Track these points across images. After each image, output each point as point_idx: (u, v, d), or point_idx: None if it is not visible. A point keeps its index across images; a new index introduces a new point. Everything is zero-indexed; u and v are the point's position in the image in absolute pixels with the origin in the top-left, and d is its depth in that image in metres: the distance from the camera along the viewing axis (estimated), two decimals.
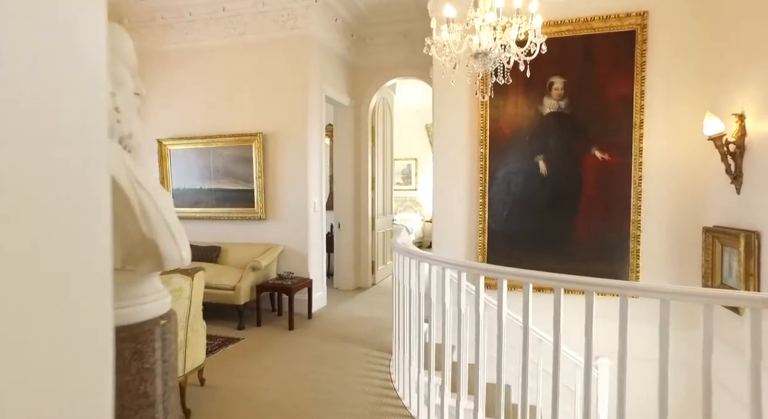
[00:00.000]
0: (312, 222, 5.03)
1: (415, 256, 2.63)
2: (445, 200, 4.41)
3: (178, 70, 5.35)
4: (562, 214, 3.94)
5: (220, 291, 4.35)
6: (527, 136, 4.04)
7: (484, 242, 4.23)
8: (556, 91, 3.88)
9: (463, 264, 2.23)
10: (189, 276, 2.47)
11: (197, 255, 4.95)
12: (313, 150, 5.03)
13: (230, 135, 5.06)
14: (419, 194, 11.42)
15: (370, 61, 6.08)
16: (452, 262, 2.26)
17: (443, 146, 4.39)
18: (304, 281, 4.63)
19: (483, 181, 4.20)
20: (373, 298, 5.69)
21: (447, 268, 2.30)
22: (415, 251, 2.62)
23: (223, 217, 5.20)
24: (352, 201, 6.18)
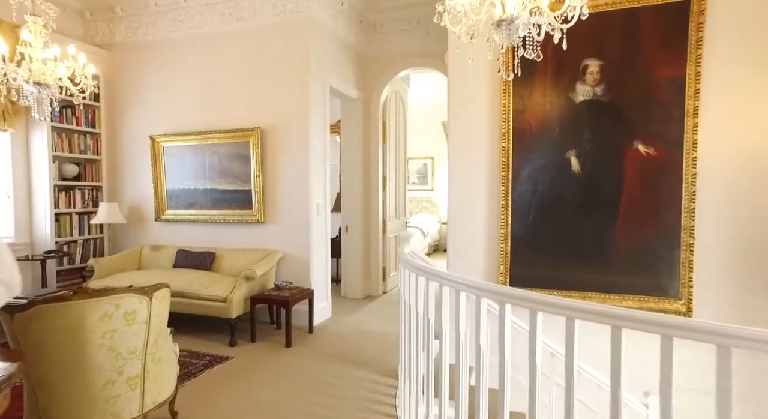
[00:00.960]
0: (314, 226, 4.57)
1: (423, 272, 2.14)
2: (462, 201, 3.90)
3: (172, 61, 4.96)
4: (598, 218, 3.39)
5: (210, 303, 3.92)
6: (556, 128, 3.50)
7: (506, 250, 3.70)
8: (590, 75, 3.34)
9: (484, 287, 1.73)
10: (146, 296, 2.03)
11: (190, 262, 4.54)
12: (315, 147, 4.57)
13: (226, 130, 4.64)
14: (436, 194, 10.90)
15: (381, 51, 5.60)
16: (470, 284, 1.76)
17: (459, 141, 3.88)
18: (304, 292, 4.17)
19: (505, 180, 3.68)
20: (383, 308, 5.20)
21: (462, 291, 1.80)
22: (424, 267, 2.13)
23: (219, 220, 4.78)
24: (361, 202, 5.71)
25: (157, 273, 4.31)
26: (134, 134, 5.15)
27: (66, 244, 4.93)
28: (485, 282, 1.70)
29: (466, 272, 3.91)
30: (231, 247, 4.72)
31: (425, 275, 2.11)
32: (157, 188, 5.01)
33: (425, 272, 2.10)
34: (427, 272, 2.08)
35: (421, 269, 2.15)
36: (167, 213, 5.02)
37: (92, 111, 5.21)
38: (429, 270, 2.07)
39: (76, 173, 5.07)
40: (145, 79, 5.10)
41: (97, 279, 4.42)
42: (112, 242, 5.30)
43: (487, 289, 1.67)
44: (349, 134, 5.68)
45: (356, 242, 5.67)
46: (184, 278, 4.14)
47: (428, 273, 2.07)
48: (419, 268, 2.16)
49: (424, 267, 2.12)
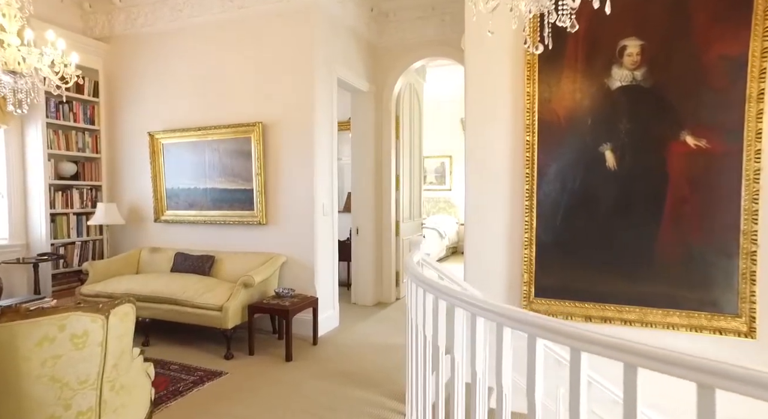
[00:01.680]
0: (320, 228, 4.23)
1: (432, 289, 1.76)
2: (481, 202, 3.50)
3: (172, 53, 4.69)
4: (637, 221, 2.96)
5: (204, 312, 3.62)
6: (588, 118, 3.08)
7: (530, 257, 3.29)
8: (629, 57, 2.90)
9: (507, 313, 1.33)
10: (101, 314, 1.71)
11: (188, 267, 4.25)
12: (321, 142, 4.23)
13: (226, 126, 4.34)
14: (454, 194, 10.48)
15: (394, 40, 5.23)
16: (490, 308, 1.37)
17: (478, 134, 3.49)
18: (307, 300, 3.83)
19: (530, 178, 3.27)
20: (396, 317, 4.83)
21: (480, 316, 1.42)
22: (433, 283, 1.75)
23: (219, 221, 4.48)
24: (373, 203, 5.35)
25: (152, 278, 4.03)
26: (134, 130, 4.90)
27: (63, 246, 4.71)
28: (510, 309, 1.31)
29: (485, 282, 3.50)
30: (231, 250, 4.41)
31: (434, 292, 1.73)
32: (156, 187, 4.75)
33: (434, 289, 1.72)
34: (436, 288, 1.70)
35: (429, 284, 1.77)
36: (167, 214, 4.75)
37: (91, 107, 4.99)
38: (439, 287, 1.69)
39: (74, 172, 4.84)
40: (144, 73, 4.84)
41: (90, 284, 4.17)
42: (111, 244, 5.07)
43: (513, 317, 1.28)
44: (359, 129, 5.33)
45: (367, 245, 5.32)
46: (178, 283, 3.85)
47: (438, 291, 1.69)
48: (428, 283, 1.78)
49: (432, 283, 1.74)
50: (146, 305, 3.82)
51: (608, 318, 3.05)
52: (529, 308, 3.32)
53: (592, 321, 3.06)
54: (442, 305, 1.67)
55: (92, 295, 4.04)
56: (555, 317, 3.24)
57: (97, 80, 5.00)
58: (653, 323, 2.90)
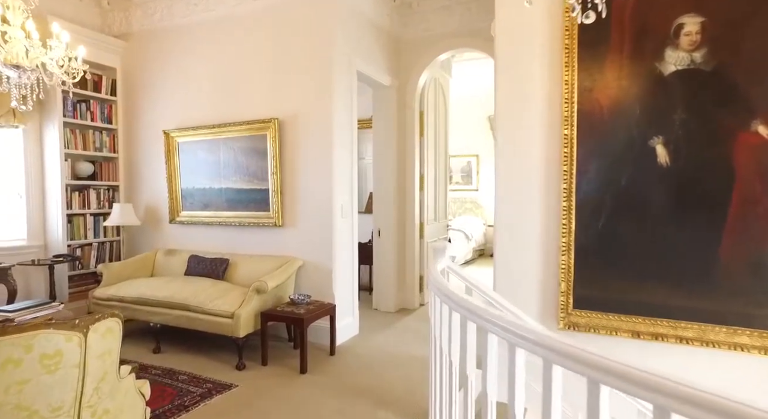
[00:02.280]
0: (339, 230, 3.99)
1: (458, 307, 1.47)
2: (512, 203, 3.19)
3: (188, 48, 4.54)
4: (695, 224, 2.59)
5: (216, 319, 3.42)
6: (637, 108, 2.73)
7: (568, 264, 2.96)
8: (687, 37, 2.54)
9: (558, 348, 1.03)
10: (77, 332, 1.49)
11: (202, 270, 4.08)
12: (340, 139, 3.99)
13: (241, 122, 4.15)
14: (481, 195, 10.10)
15: (417, 32, 4.95)
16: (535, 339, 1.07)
17: (509, 129, 3.17)
18: (324, 307, 3.59)
19: (568, 176, 2.94)
20: (418, 326, 4.54)
21: (520, 347, 1.12)
22: (462, 301, 1.46)
23: (234, 223, 4.30)
24: (395, 204, 5.08)
25: (163, 282, 3.88)
26: (151, 129, 4.78)
27: (80, 247, 4.63)
28: (565, 345, 1.00)
29: (517, 291, 3.18)
30: (246, 253, 4.22)
31: (461, 311, 1.45)
32: (172, 187, 4.61)
33: (463, 308, 1.43)
34: (465, 308, 1.41)
35: (457, 302, 1.48)
36: (182, 215, 4.61)
37: (108, 105, 4.90)
38: (468, 306, 1.39)
39: (91, 172, 4.76)
40: (161, 70, 4.71)
41: (104, 287, 4.05)
42: (128, 245, 4.97)
43: (566, 353, 0.98)
44: (381, 125, 5.06)
45: (389, 248, 5.05)
46: (190, 288, 3.67)
47: (467, 311, 1.40)
48: (455, 301, 1.49)
49: (461, 301, 1.45)
50: (157, 311, 3.66)
51: (660, 334, 2.68)
52: (567, 320, 2.98)
53: (641, 337, 2.71)
54: (472, 328, 1.38)
55: (104, 299, 3.91)
56: (597, 331, 2.89)
57: (114, 78, 4.91)
58: (716, 342, 2.52)
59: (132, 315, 3.79)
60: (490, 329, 1.23)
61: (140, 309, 3.74)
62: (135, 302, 3.76)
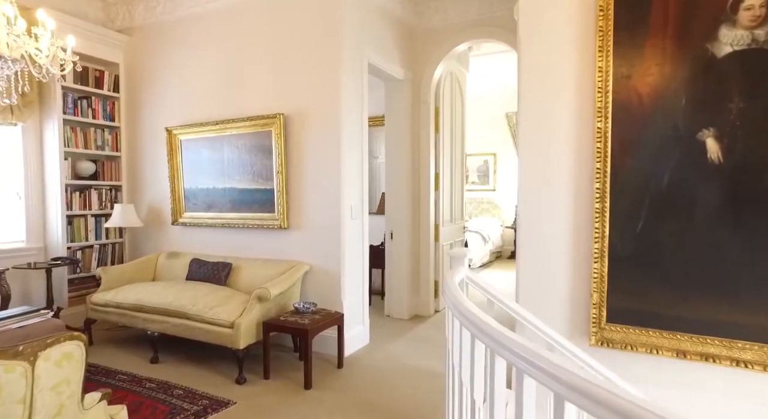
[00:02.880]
0: (348, 233, 3.73)
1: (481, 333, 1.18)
2: (537, 204, 2.88)
3: (191, 42, 4.33)
4: (754, 229, 2.26)
5: (215, 328, 3.19)
6: (683, 97, 2.40)
7: (602, 272, 2.64)
8: (749, 12, 2.20)
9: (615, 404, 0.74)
10: (22, 361, 1.25)
11: (203, 275, 3.86)
12: (349, 135, 3.73)
13: (245, 118, 3.92)
14: (498, 195, 9.75)
15: (433, 22, 4.66)
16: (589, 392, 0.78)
17: (534, 122, 2.87)
18: (331, 317, 3.33)
19: (602, 174, 2.62)
20: (433, 334, 4.25)
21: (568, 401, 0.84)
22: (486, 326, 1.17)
23: (238, 224, 4.07)
24: (409, 204, 4.80)
25: (162, 287, 3.66)
26: (154, 126, 4.58)
27: (80, 250, 4.46)
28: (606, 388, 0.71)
29: (543, 302, 2.87)
30: (251, 256, 3.99)
31: (486, 340, 1.16)
32: (174, 187, 4.40)
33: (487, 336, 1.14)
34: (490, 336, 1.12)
35: (480, 328, 1.19)
36: (185, 216, 4.40)
37: (111, 102, 4.72)
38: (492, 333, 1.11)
39: (93, 171, 4.59)
40: (164, 65, 4.52)
41: (102, 291, 3.86)
42: (130, 247, 4.79)
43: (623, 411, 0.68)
44: (394, 121, 4.79)
45: (402, 252, 4.77)
46: (190, 294, 3.45)
47: (492, 339, 1.11)
48: (478, 326, 1.20)
49: (484, 326, 1.16)
50: (155, 318, 3.45)
51: (711, 355, 2.35)
52: (599, 335, 2.66)
53: (687, 357, 2.38)
54: (500, 364, 1.10)
55: (101, 304, 3.72)
56: (635, 348, 2.57)
57: (117, 74, 4.74)
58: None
59: (130, 322, 3.59)
60: (527, 371, 0.94)
61: (138, 316, 3.53)
62: (132, 308, 3.56)
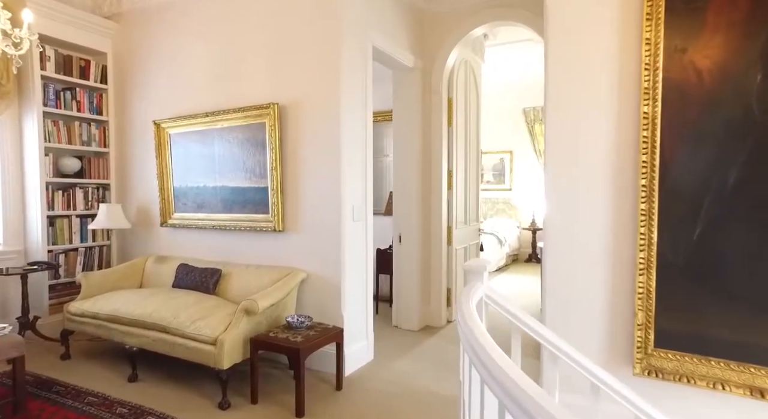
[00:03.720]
0: (350, 236, 3.33)
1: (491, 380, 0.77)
2: (567, 206, 2.46)
3: (181, 27, 3.97)
4: None
5: (196, 345, 2.81)
6: (758, 72, 1.96)
7: (648, 287, 2.21)
8: None
9: None
10: None
11: (190, 282, 3.50)
12: (351, 127, 3.33)
13: (237, 109, 3.54)
14: (514, 194, 9.26)
15: (446, 3, 4.23)
16: None
17: (564, 108, 2.44)
18: (328, 332, 2.93)
19: (648, 169, 2.19)
20: (446, 348, 3.83)
21: None
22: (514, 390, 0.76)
23: (230, 226, 3.70)
24: (419, 204, 4.39)
25: (144, 296, 3.30)
26: (144, 120, 4.24)
27: (63, 253, 4.13)
28: None
29: (574, 321, 2.42)
30: (243, 262, 3.61)
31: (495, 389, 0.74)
32: (163, 186, 4.05)
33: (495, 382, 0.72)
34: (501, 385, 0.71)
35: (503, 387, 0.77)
36: (174, 217, 4.05)
37: (98, 94, 4.39)
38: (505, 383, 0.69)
39: (78, 169, 4.26)
40: (154, 54, 4.17)
41: (81, 300, 3.51)
42: (119, 251, 4.45)
43: None
44: (403, 113, 4.37)
45: (412, 257, 4.35)
46: (172, 304, 3.08)
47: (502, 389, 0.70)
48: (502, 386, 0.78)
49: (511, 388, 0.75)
50: (133, 331, 3.09)
51: None
52: (646, 363, 2.22)
53: (765, 397, 1.92)
54: None
55: (78, 314, 3.37)
56: (692, 381, 2.12)
57: (105, 64, 4.40)
58: None
59: (107, 335, 3.24)
60: None
61: (115, 329, 3.18)
62: (109, 319, 3.21)
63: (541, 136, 8.69)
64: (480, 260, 1.69)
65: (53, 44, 3.99)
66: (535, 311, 5.02)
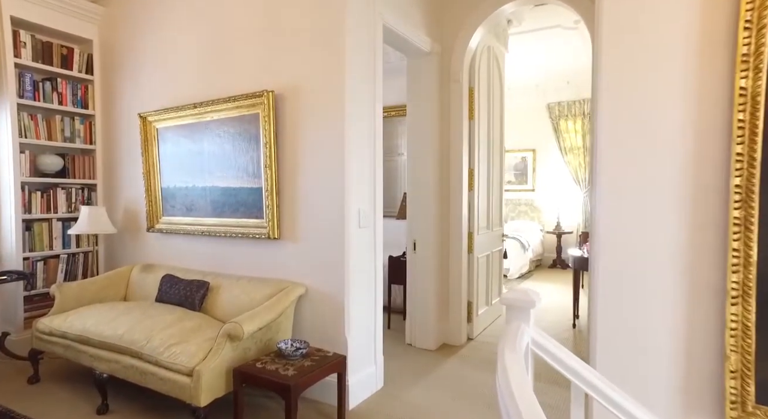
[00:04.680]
0: (355, 245, 2.84)
1: None
2: (625, 213, 1.94)
3: (167, 10, 3.55)
4: None
5: (170, 375, 2.35)
6: None
7: (744, 320, 1.68)
8: None
9: None
10: None
11: (174, 296, 3.06)
12: (356, 118, 2.84)
13: (227, 98, 3.09)
14: (538, 196, 8.68)
15: None
16: None
17: (621, 90, 1.92)
18: (327, 362, 2.44)
19: (744, 164, 1.66)
20: (467, 373, 3.32)
21: None
22: None
23: (220, 232, 3.25)
24: (436, 207, 3.88)
25: (119, 312, 2.86)
26: (133, 114, 3.83)
27: (42, 260, 3.74)
28: None
29: (633, 364, 1.90)
30: (234, 273, 3.16)
31: None
32: (150, 186, 3.63)
33: None
34: None
35: None
36: (162, 221, 3.62)
37: (83, 86, 4.00)
38: None
39: (60, 167, 3.87)
40: (143, 40, 3.76)
41: (52, 315, 3.10)
42: (106, 258, 4.06)
43: None
44: (418, 104, 3.87)
45: (428, 266, 3.85)
46: (147, 324, 2.64)
47: None
48: None
49: None
50: (103, 355, 2.66)
51: None
52: None
53: None
54: None
55: (46, 332, 2.96)
56: None
57: (90, 53, 4.01)
58: None
59: (75, 357, 2.81)
60: None
61: (84, 351, 2.75)
62: (78, 340, 2.79)
63: (567, 133, 8.10)
64: (526, 292, 1.19)
65: (29, 29, 3.60)
66: (568, 326, 4.47)
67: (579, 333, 4.30)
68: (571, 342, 4.04)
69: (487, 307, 4.43)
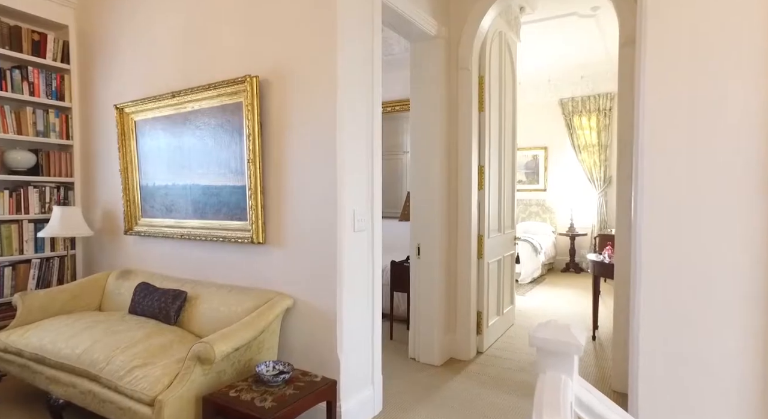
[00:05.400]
0: (349, 251, 2.49)
1: None
2: (675, 215, 1.55)
3: None
4: None
5: (131, 404, 2.01)
6: None
7: None
8: None
9: None
10: None
11: (148, 307, 2.72)
12: (349, 105, 2.49)
13: (208, 86, 2.75)
14: (549, 196, 8.28)
15: None
16: None
17: (668, 87, 1.54)
18: (314, 389, 2.09)
19: None
20: (477, 393, 2.95)
21: None
22: None
23: (200, 236, 2.91)
24: (443, 208, 3.52)
25: (82, 327, 2.53)
26: (110, 105, 3.51)
27: (10, 266, 3.42)
28: None
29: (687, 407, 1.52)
30: (215, 281, 2.82)
31: None
32: (128, 185, 3.31)
33: None
34: None
35: None
36: (141, 223, 3.29)
37: (58, 76, 3.68)
38: None
39: (33, 164, 3.55)
40: (122, 26, 3.43)
41: (13, 328, 2.78)
42: (85, 263, 3.74)
43: None
44: (422, 95, 3.51)
45: (434, 272, 3.48)
46: (110, 342, 2.30)
47: None
48: None
49: None
50: (60, 377, 2.32)
51: None
52: None
53: None
54: None
55: (1, 349, 2.63)
56: None
57: (66, 40, 3.70)
58: None
59: (31, 379, 2.48)
60: None
61: (40, 372, 2.42)
62: (33, 359, 2.46)
63: (581, 129, 7.69)
64: (568, 329, 0.83)
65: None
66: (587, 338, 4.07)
67: (600, 346, 3.91)
68: (592, 356, 3.66)
69: (498, 317, 4.06)
